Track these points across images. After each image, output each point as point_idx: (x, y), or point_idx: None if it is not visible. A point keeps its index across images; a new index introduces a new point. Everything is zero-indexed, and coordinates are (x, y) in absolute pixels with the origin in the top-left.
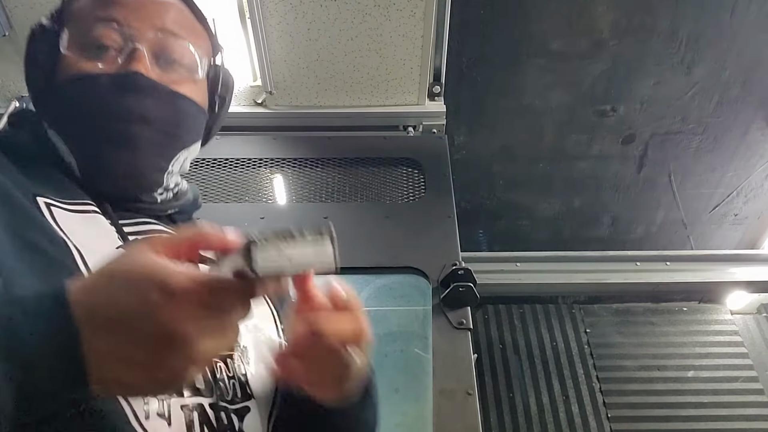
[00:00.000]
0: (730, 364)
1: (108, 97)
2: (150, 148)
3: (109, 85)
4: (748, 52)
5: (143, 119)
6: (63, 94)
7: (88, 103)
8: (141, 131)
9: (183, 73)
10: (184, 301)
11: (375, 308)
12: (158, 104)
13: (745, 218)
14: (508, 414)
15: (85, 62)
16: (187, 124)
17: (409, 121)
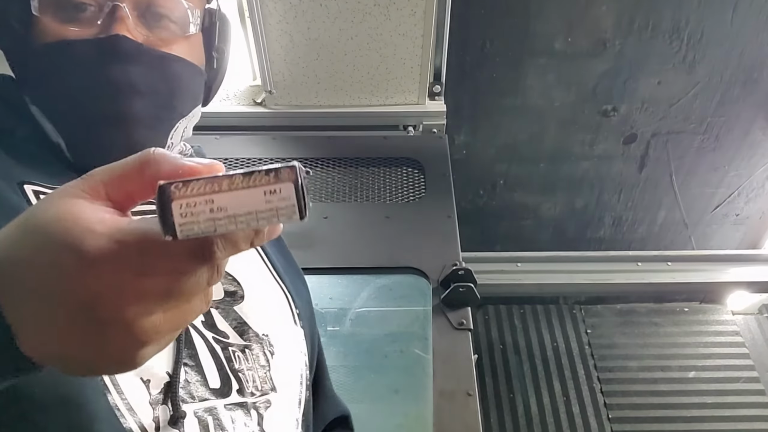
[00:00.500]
0: (731, 364)
1: (90, 68)
2: (144, 122)
3: (88, 52)
4: (750, 52)
5: (132, 90)
6: (38, 64)
7: (68, 74)
8: (131, 104)
9: (174, 30)
10: (105, 267)
11: (375, 308)
12: (148, 70)
13: (747, 218)
14: (508, 415)
15: (60, 25)
16: (183, 89)
17: (409, 121)
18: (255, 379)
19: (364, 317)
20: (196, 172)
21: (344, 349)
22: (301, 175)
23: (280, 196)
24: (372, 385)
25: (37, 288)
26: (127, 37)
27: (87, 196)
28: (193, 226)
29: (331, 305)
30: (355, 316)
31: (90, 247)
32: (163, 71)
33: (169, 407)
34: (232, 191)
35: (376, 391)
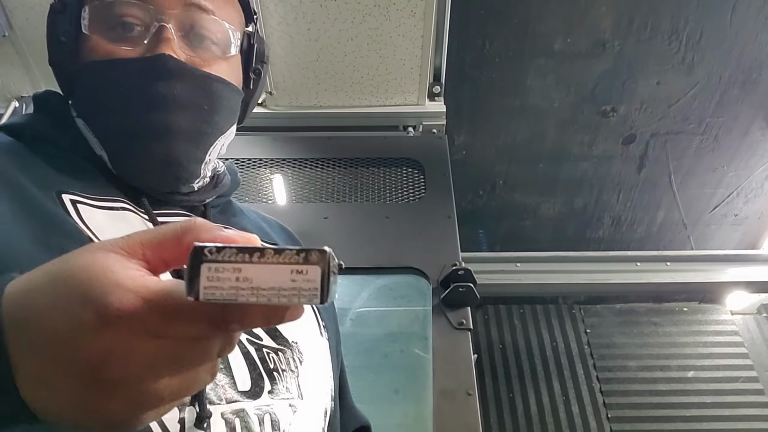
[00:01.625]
0: (730, 364)
1: (136, 84)
2: (185, 138)
3: (136, 70)
4: (749, 53)
5: (176, 107)
6: (87, 79)
7: (115, 90)
8: (174, 120)
9: (215, 51)
10: (122, 325)
11: (375, 308)
12: (191, 89)
13: (746, 218)
14: (508, 414)
15: (109, 44)
16: (223, 108)
17: (409, 121)
18: (288, 381)
19: (364, 317)
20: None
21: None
22: (330, 260)
23: (305, 277)
24: (372, 384)
25: (49, 338)
26: (172, 56)
27: (123, 252)
28: (216, 291)
29: None
30: (355, 316)
31: (113, 302)
32: (205, 89)
33: (195, 408)
34: (260, 264)
35: (376, 390)
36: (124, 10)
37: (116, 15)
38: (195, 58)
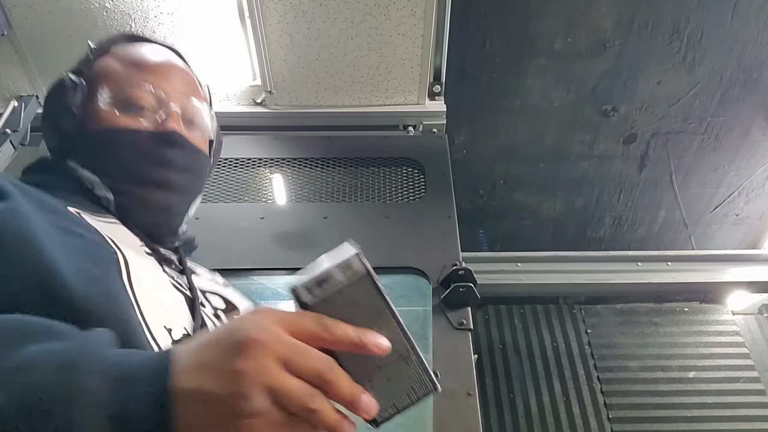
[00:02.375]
0: (731, 364)
1: (151, 149)
2: (180, 193)
3: (152, 139)
4: (750, 52)
5: (178, 169)
6: (103, 141)
7: (133, 151)
8: (176, 178)
9: (201, 134)
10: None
11: None
12: (187, 158)
13: (747, 218)
14: (508, 415)
15: (123, 117)
16: (203, 173)
17: (409, 121)
18: None
19: None
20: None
21: None
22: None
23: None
24: None
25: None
26: (180, 133)
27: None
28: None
29: None
30: None
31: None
32: (196, 160)
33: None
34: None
35: None
36: (138, 94)
37: (131, 97)
38: (191, 136)
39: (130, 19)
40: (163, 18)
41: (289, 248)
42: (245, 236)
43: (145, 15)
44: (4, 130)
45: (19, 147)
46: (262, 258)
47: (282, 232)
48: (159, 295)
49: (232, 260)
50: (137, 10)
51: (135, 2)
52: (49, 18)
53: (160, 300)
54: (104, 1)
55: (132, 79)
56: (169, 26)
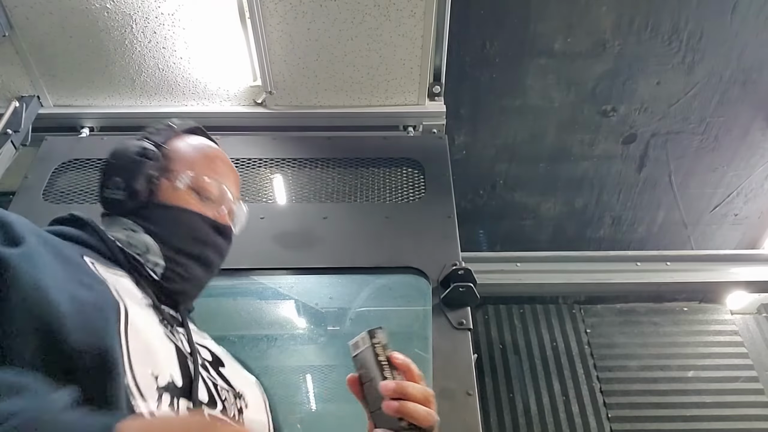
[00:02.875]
0: (730, 364)
1: (208, 234)
2: (213, 272)
3: (212, 226)
4: (749, 52)
5: (220, 254)
6: (174, 215)
7: (196, 231)
8: (216, 261)
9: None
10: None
11: (375, 308)
12: (227, 247)
13: (746, 218)
14: (508, 414)
15: (195, 201)
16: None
17: (409, 121)
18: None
19: (364, 317)
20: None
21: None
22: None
23: None
24: None
25: None
26: (231, 227)
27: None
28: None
29: (331, 305)
30: (355, 316)
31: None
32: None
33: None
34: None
35: None
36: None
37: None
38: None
39: (131, 19)
40: (164, 18)
41: (289, 248)
42: (245, 236)
43: (146, 15)
44: (5, 130)
45: (20, 147)
46: (262, 258)
47: (282, 232)
48: (150, 343)
49: (232, 260)
50: (138, 10)
51: (136, 2)
52: (50, 18)
53: (150, 349)
54: (105, 2)
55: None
56: (170, 26)
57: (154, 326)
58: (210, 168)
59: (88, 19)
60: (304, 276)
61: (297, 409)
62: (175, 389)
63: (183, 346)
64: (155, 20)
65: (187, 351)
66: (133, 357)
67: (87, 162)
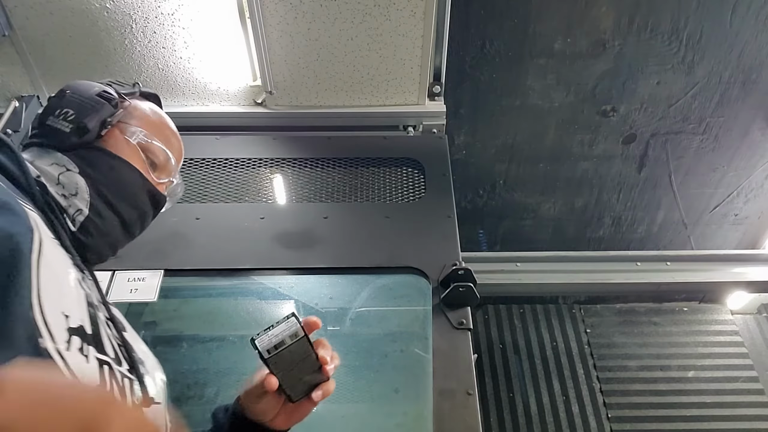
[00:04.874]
0: (730, 364)
1: (144, 199)
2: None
3: (149, 191)
4: (749, 53)
5: (143, 223)
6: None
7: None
8: (138, 228)
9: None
10: None
11: (375, 308)
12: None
13: (746, 218)
14: (508, 414)
15: (141, 161)
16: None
17: (409, 121)
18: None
19: (364, 317)
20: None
21: (344, 348)
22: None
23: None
24: (372, 384)
25: None
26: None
27: None
28: None
29: (331, 305)
30: (355, 316)
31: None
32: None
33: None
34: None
35: (376, 390)
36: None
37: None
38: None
39: (131, 19)
40: (164, 18)
41: (289, 248)
42: (245, 236)
43: (146, 15)
44: (5, 130)
45: (20, 147)
46: (262, 258)
47: (282, 232)
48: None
49: (232, 260)
50: (138, 10)
51: (136, 3)
52: (50, 18)
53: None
54: (105, 2)
55: (158, 137)
56: (170, 26)
57: (68, 267)
58: (162, 135)
59: (88, 19)
60: (304, 276)
61: None
62: (85, 335)
63: (91, 297)
64: (155, 20)
65: (96, 301)
66: (43, 290)
67: None
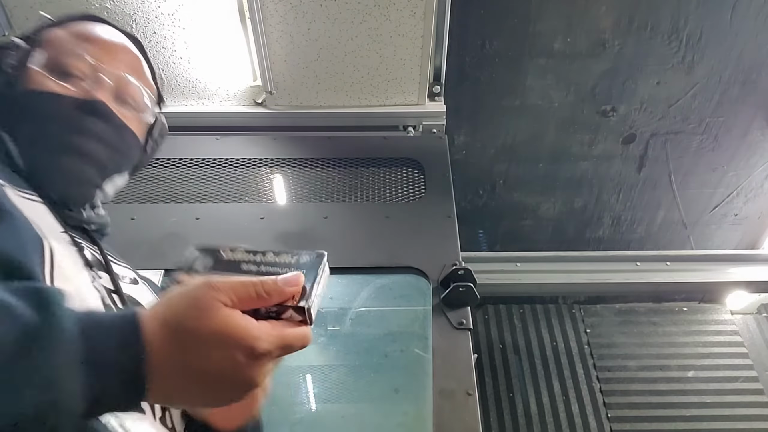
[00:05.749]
0: (730, 364)
1: (72, 115)
2: (95, 164)
3: (75, 105)
4: (749, 53)
5: (97, 139)
6: (26, 104)
7: (53, 116)
8: (93, 149)
9: (133, 112)
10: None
11: (375, 308)
12: (111, 131)
13: (745, 218)
14: (508, 414)
15: (52, 82)
16: (128, 154)
17: (409, 121)
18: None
19: (364, 317)
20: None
21: (344, 348)
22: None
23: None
24: (372, 384)
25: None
26: (105, 104)
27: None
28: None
29: (331, 305)
30: (355, 316)
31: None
32: (121, 135)
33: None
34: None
35: (376, 390)
36: (75, 63)
37: (66, 64)
38: (119, 111)
39: (131, 19)
40: (164, 18)
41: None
42: (245, 236)
43: (146, 15)
44: None
45: None
46: None
47: (282, 232)
48: (80, 292)
49: None
50: (138, 10)
51: (136, 2)
52: None
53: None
54: (105, 2)
55: (73, 49)
56: (170, 26)
57: (81, 271)
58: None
59: None
60: None
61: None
62: None
63: (105, 298)
64: (155, 20)
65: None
66: None
67: None
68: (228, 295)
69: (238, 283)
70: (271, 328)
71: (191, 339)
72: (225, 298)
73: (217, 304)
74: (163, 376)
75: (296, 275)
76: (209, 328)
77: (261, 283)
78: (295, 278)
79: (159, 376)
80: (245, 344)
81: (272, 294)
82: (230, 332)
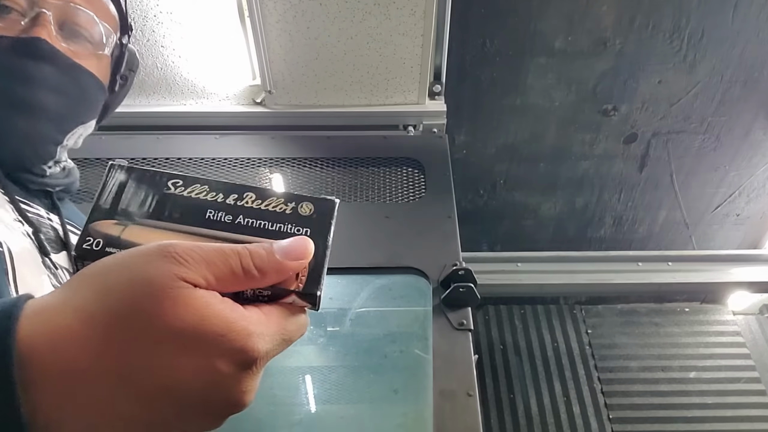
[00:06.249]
0: (732, 365)
1: (8, 60)
2: (48, 117)
3: (9, 47)
4: (751, 51)
5: (44, 86)
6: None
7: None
8: (41, 98)
9: (87, 47)
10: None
11: (375, 308)
12: (59, 74)
13: (748, 218)
14: (508, 415)
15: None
16: (87, 98)
17: (409, 121)
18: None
19: (364, 317)
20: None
21: (344, 349)
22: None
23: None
24: (372, 385)
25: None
26: (47, 41)
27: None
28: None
29: (331, 305)
30: (355, 316)
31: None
32: (73, 78)
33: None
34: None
35: (375, 391)
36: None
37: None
38: (68, 49)
39: (129, 17)
40: (163, 17)
41: None
42: None
43: (145, 14)
44: None
45: None
46: None
47: None
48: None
49: None
50: (137, 9)
51: (135, 1)
52: None
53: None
54: None
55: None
56: (169, 25)
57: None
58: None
59: None
60: None
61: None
62: None
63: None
64: (153, 19)
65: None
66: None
67: (84, 161)
68: (199, 270)
69: (213, 250)
70: (266, 319)
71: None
72: (195, 276)
73: (182, 284)
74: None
75: (302, 242)
76: (173, 324)
77: (250, 254)
78: (301, 247)
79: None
80: (233, 346)
81: (267, 271)
82: (207, 329)
